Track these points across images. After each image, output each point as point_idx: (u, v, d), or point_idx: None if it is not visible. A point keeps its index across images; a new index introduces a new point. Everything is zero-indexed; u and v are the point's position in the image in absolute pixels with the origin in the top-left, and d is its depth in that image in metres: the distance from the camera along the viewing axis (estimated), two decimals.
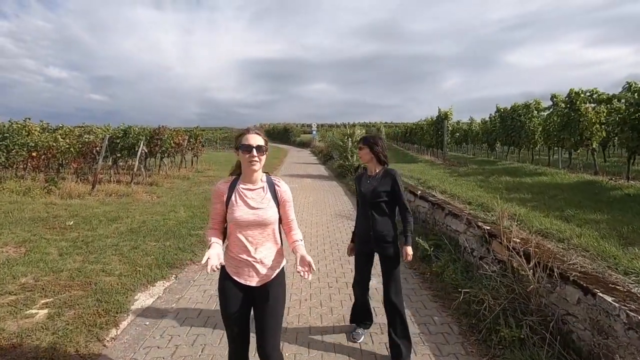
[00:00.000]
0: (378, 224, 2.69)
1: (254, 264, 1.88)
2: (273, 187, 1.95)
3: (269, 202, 1.90)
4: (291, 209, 2.00)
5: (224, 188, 1.91)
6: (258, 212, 1.86)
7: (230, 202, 1.87)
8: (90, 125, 13.08)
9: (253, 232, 1.87)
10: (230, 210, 1.85)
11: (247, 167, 1.86)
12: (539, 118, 11.27)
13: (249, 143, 1.84)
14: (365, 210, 2.76)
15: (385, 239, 2.69)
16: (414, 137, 23.17)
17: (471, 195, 6.05)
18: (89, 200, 7.98)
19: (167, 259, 4.70)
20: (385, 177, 2.72)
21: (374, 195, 2.68)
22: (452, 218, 4.76)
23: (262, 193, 1.91)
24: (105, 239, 5.44)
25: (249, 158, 1.83)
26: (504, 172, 9.80)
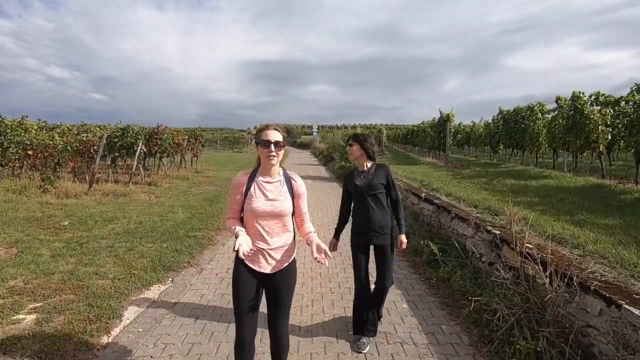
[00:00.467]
0: (376, 214, 2.82)
1: (269, 252, 1.98)
2: (289, 181, 2.07)
3: (285, 194, 2.01)
4: (305, 202, 2.12)
5: (244, 180, 2.01)
6: (275, 203, 1.97)
7: (249, 193, 1.97)
8: (89, 124, 12.94)
9: (269, 222, 1.98)
10: (249, 201, 1.96)
11: (266, 161, 1.97)
12: (543, 120, 11.13)
13: (268, 139, 1.95)
14: (363, 203, 2.85)
15: (383, 229, 2.84)
16: (415, 139, 23.02)
17: (477, 198, 5.89)
18: (85, 200, 7.82)
19: (163, 261, 4.54)
20: (378, 170, 2.88)
21: (370, 188, 2.81)
22: (459, 221, 4.60)
23: (279, 186, 2.02)
24: (100, 240, 5.28)
25: (267, 152, 1.94)
26: (508, 174, 9.64)
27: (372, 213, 2.82)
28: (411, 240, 5.31)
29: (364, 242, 2.90)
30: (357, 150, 2.89)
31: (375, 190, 2.82)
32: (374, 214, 2.82)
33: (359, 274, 2.92)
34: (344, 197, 3.05)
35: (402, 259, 4.91)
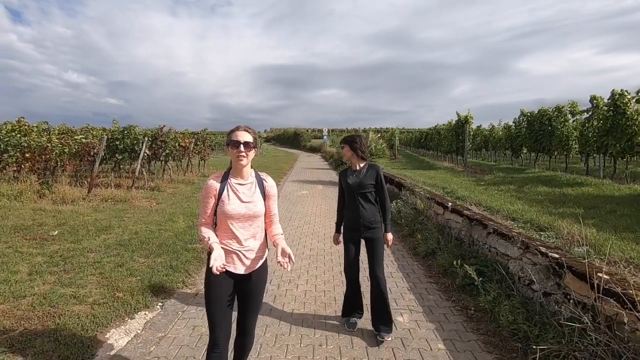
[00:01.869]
0: (366, 211, 3.03)
1: (243, 253, 2.00)
2: (261, 183, 2.09)
3: (258, 196, 2.04)
4: (275, 203, 2.15)
5: (216, 183, 1.99)
6: (249, 205, 1.99)
7: (222, 195, 1.97)
8: (94, 127, 12.56)
9: (243, 224, 2.00)
10: (223, 204, 1.95)
11: (236, 162, 1.98)
12: (574, 122, 10.29)
13: (238, 139, 1.95)
14: (353, 201, 3.07)
15: (372, 224, 3.04)
16: (429, 143, 22.19)
17: (512, 208, 5.17)
18: (81, 207, 7.32)
19: (154, 281, 3.95)
20: (369, 170, 3.08)
21: (360, 187, 3.03)
22: (499, 238, 3.89)
23: (252, 188, 2.04)
24: (88, 253, 4.72)
25: (236, 153, 1.94)
26: (537, 181, 8.84)
27: (362, 210, 3.03)
28: (438, 258, 4.63)
29: (355, 236, 3.11)
30: (348, 152, 3.13)
31: (365, 189, 3.04)
32: (363, 210, 3.03)
33: (349, 264, 3.16)
34: (340, 193, 3.28)
35: (430, 281, 4.22)
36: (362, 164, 3.12)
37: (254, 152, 2.01)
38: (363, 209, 3.03)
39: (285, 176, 15.85)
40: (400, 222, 6.46)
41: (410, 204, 6.81)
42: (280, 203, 9.29)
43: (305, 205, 9.00)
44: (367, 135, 13.19)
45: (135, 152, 10.10)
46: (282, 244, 1.99)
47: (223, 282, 1.98)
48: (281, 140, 62.56)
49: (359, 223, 3.03)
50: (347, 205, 3.15)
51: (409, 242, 5.71)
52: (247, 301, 2.09)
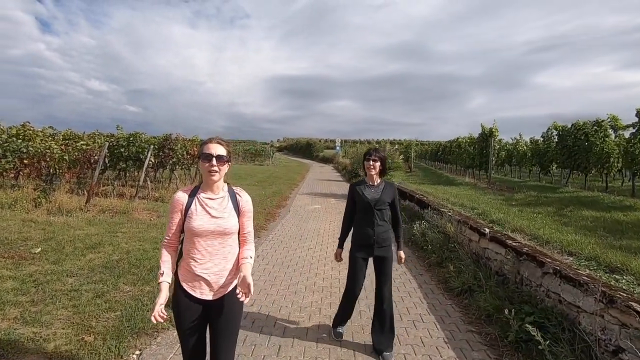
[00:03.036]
0: (380, 228, 2.94)
1: (211, 276, 1.83)
2: (235, 197, 1.93)
3: (231, 211, 1.88)
4: (250, 220, 1.97)
5: (183, 197, 1.85)
6: (219, 221, 1.83)
7: (189, 211, 1.81)
8: (101, 132, 12.18)
9: (212, 242, 1.83)
10: (190, 220, 1.80)
11: (207, 176, 1.83)
12: (616, 138, 9.35)
13: (210, 152, 1.80)
14: (369, 216, 2.94)
15: (385, 242, 2.96)
16: (448, 156, 21.26)
17: (564, 239, 4.34)
18: (76, 219, 6.76)
19: (136, 318, 3.27)
20: (387, 187, 3.01)
21: (379, 203, 2.92)
22: (564, 282, 3.08)
23: (223, 202, 1.88)
24: (67, 278, 4.09)
25: (208, 167, 1.80)
26: (577, 202, 7.92)
27: (377, 226, 2.93)
28: (478, 298, 3.83)
29: (365, 254, 2.99)
30: (379, 167, 2.98)
31: (382, 206, 2.96)
32: (378, 227, 2.94)
33: (355, 283, 3.00)
34: (350, 207, 3.10)
35: (471, 329, 3.42)
36: (379, 180, 3.04)
37: (227, 167, 1.87)
38: (378, 225, 2.94)
39: (296, 188, 15.18)
40: (426, 248, 5.66)
41: (437, 226, 6.02)
42: (290, 218, 8.60)
43: (318, 222, 8.27)
44: (384, 147, 12.45)
45: (140, 160, 9.60)
46: (245, 271, 1.78)
47: (191, 308, 1.84)
48: (293, 150, 62.30)
49: (372, 240, 2.94)
50: (360, 221, 3.01)
51: (438, 273, 4.91)
52: (218, 331, 1.86)
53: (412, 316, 3.68)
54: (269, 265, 5.09)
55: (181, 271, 1.88)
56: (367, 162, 2.98)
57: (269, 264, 5.17)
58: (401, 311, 3.79)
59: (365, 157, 3.03)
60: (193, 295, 1.83)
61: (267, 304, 3.85)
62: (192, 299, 1.84)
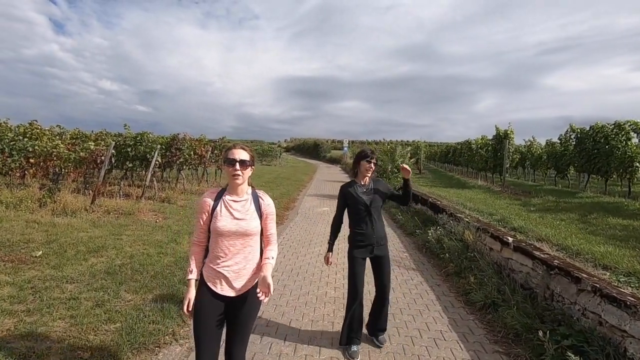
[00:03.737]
0: (378, 226, 2.98)
1: (231, 274, 1.92)
2: (257, 200, 2.01)
3: (253, 213, 1.96)
4: (272, 222, 2.04)
5: (210, 199, 1.96)
6: (241, 222, 1.92)
7: (215, 212, 1.93)
8: (109, 132, 12.09)
9: (235, 242, 1.93)
10: (215, 220, 1.92)
11: (231, 180, 1.94)
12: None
13: (233, 157, 1.91)
14: (366, 217, 2.94)
15: (383, 240, 3.02)
16: (458, 158, 20.83)
17: (598, 251, 4.02)
18: (80, 220, 6.61)
19: (137, 331, 3.05)
20: (377, 185, 3.03)
21: (374, 202, 2.95)
22: (606, 303, 2.78)
23: (246, 205, 1.97)
24: (67, 284, 3.91)
25: (232, 171, 1.91)
26: (600, 208, 7.54)
27: (375, 225, 2.95)
28: (503, 315, 3.54)
29: (364, 254, 2.99)
30: (373, 167, 2.98)
31: (378, 204, 2.97)
32: (376, 226, 2.96)
33: (356, 286, 2.95)
34: (341, 208, 3.09)
35: (498, 350, 3.13)
36: (369, 180, 3.04)
37: (250, 170, 1.99)
38: (375, 224, 2.96)
39: (304, 189, 14.95)
40: (442, 256, 5.37)
41: (453, 233, 5.72)
42: (298, 221, 8.36)
43: (327, 226, 8.01)
44: (395, 149, 12.16)
45: (147, 160, 9.46)
46: (266, 272, 1.87)
47: (211, 304, 1.93)
48: (301, 151, 62.15)
49: (372, 239, 2.95)
50: (357, 221, 2.99)
51: (457, 283, 4.62)
52: (235, 327, 1.98)
53: (432, 333, 3.40)
54: (278, 273, 4.85)
55: (205, 268, 1.98)
56: (368, 164, 2.94)
57: (277, 271, 4.93)
58: (420, 327, 3.52)
59: (363, 158, 2.95)
60: (215, 291, 1.93)
61: (276, 316, 3.61)
62: (214, 294, 1.93)
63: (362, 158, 2.95)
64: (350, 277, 3.01)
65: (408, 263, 5.49)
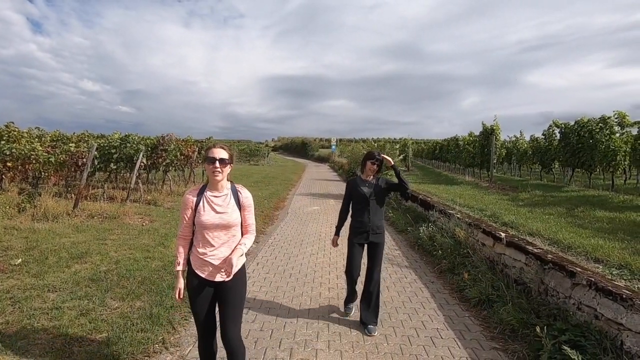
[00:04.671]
0: (375, 216, 3.36)
1: (217, 262, 2.10)
2: (236, 194, 2.21)
3: (233, 207, 2.16)
4: (250, 214, 2.25)
5: (192, 196, 2.15)
6: (223, 215, 2.12)
7: (198, 207, 2.12)
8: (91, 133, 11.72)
9: (218, 234, 2.12)
10: (198, 215, 2.10)
11: (211, 177, 2.13)
12: (624, 135, 9.13)
13: (213, 156, 2.09)
14: (364, 207, 3.36)
15: (379, 229, 3.39)
16: (446, 155, 21.03)
17: (589, 244, 4.06)
18: (62, 225, 6.35)
19: (124, 340, 2.92)
20: (379, 181, 3.44)
21: (373, 195, 3.35)
22: (602, 296, 2.78)
23: (227, 199, 2.16)
24: (48, 293, 3.73)
25: (212, 169, 2.09)
26: (586, 202, 7.67)
27: (372, 215, 3.34)
28: (499, 311, 3.53)
29: (361, 240, 3.39)
30: (377, 168, 3.39)
31: (377, 197, 3.36)
32: (373, 216, 3.34)
33: (352, 266, 3.42)
34: (346, 200, 3.53)
35: (495, 346, 3.11)
36: (373, 176, 3.45)
37: (229, 168, 2.16)
38: (373, 215, 3.34)
39: (293, 188, 14.84)
40: (435, 253, 5.36)
41: (445, 229, 5.72)
42: (289, 221, 8.25)
43: (318, 225, 7.95)
44: (384, 147, 12.16)
45: (132, 161, 9.19)
46: (233, 254, 2.09)
47: (202, 288, 2.13)
48: (289, 150, 61.89)
49: (368, 227, 3.33)
50: (357, 211, 3.41)
51: (450, 280, 4.60)
52: (226, 309, 2.16)
53: (429, 331, 3.37)
54: (270, 274, 4.75)
55: (193, 258, 2.16)
56: (372, 165, 3.36)
57: (269, 272, 4.83)
58: (416, 326, 3.48)
59: (370, 159, 3.39)
60: (203, 278, 2.13)
61: (269, 319, 3.51)
62: (203, 280, 2.13)
63: (368, 159, 3.40)
64: (348, 259, 3.46)
65: (401, 261, 5.46)
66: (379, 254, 3.40)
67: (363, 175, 3.47)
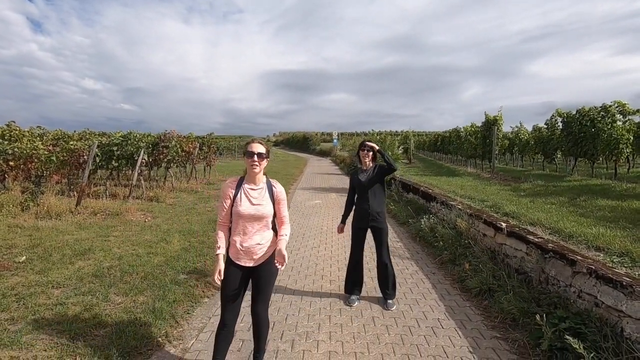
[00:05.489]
0: (375, 202, 3.62)
1: (250, 249, 2.34)
2: (271, 188, 2.44)
3: (267, 199, 2.38)
4: (284, 207, 2.47)
5: (232, 187, 2.36)
6: (258, 207, 2.33)
7: (236, 198, 2.33)
8: (93, 131, 11.75)
9: (252, 223, 2.34)
10: (236, 205, 2.32)
11: (250, 169, 2.35)
12: (626, 124, 9.04)
13: (252, 150, 2.32)
14: (364, 195, 3.65)
15: (379, 214, 3.63)
16: (447, 146, 20.94)
17: (590, 233, 4.05)
18: (65, 222, 6.41)
19: (127, 335, 2.95)
20: (376, 168, 3.69)
21: (371, 183, 3.63)
22: (602, 284, 2.78)
23: (262, 192, 2.38)
24: (53, 289, 3.77)
25: (250, 162, 2.32)
26: (588, 191, 7.64)
27: (371, 202, 3.61)
28: (500, 300, 3.54)
29: (363, 225, 3.67)
30: (371, 154, 3.69)
31: (375, 184, 3.63)
32: (372, 203, 3.61)
33: (355, 250, 3.75)
34: (350, 191, 3.84)
35: (496, 335, 3.13)
36: (372, 164, 3.71)
37: (266, 162, 2.38)
38: (372, 201, 3.60)
39: (295, 182, 14.85)
40: (436, 245, 5.36)
41: (446, 221, 5.71)
42: (291, 215, 8.26)
43: (320, 218, 7.96)
44: (385, 140, 12.12)
45: (133, 158, 9.22)
46: (281, 245, 2.31)
47: (235, 274, 2.34)
48: (290, 144, 61.79)
49: (367, 213, 3.60)
50: (358, 199, 3.72)
51: (452, 271, 4.61)
52: (257, 290, 2.42)
53: (430, 322, 3.39)
54: None
55: (230, 245, 2.38)
56: (362, 152, 3.69)
57: None
58: (417, 316, 3.49)
59: (360, 147, 3.74)
60: (237, 264, 2.35)
61: (271, 312, 3.51)
62: (237, 266, 2.35)
63: (359, 149, 3.75)
64: (352, 242, 3.78)
65: (402, 252, 5.47)
66: (383, 237, 3.66)
67: (362, 165, 3.73)
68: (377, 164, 3.72)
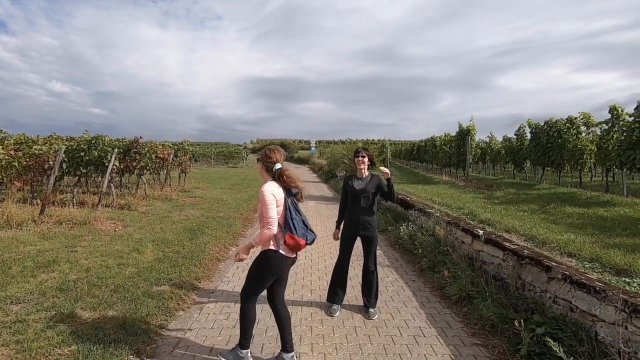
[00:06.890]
0: (365, 211, 3.61)
1: None
2: None
3: None
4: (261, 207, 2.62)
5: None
6: None
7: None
8: (59, 136, 11.17)
9: None
10: None
11: None
12: (589, 135, 9.58)
13: None
14: (356, 203, 3.62)
15: (370, 223, 3.62)
16: (423, 155, 21.43)
17: (562, 239, 4.20)
18: (28, 232, 6.00)
19: (95, 353, 2.75)
20: (373, 179, 3.67)
21: (364, 192, 3.59)
22: (576, 289, 2.87)
23: None
24: (12, 305, 3.48)
25: None
26: (556, 199, 7.98)
27: (363, 211, 3.60)
28: (479, 307, 3.58)
29: (353, 233, 3.66)
30: (367, 162, 3.65)
31: (368, 194, 3.59)
32: (364, 211, 3.60)
33: (343, 256, 3.73)
34: (343, 196, 3.81)
35: (476, 342, 3.15)
36: (367, 173, 3.68)
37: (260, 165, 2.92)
38: (364, 210, 3.58)
39: None
40: (415, 252, 5.41)
41: (425, 228, 5.79)
42: None
43: None
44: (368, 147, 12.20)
45: (103, 165, 8.81)
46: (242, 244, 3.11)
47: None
48: None
49: (358, 222, 3.59)
50: (350, 206, 3.68)
51: (431, 278, 4.65)
52: (283, 280, 2.89)
53: (411, 330, 3.38)
54: None
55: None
56: (357, 158, 3.64)
57: None
58: (399, 325, 3.48)
59: (355, 154, 3.71)
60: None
61: None
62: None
63: (354, 155, 3.76)
64: (340, 250, 3.75)
65: (382, 260, 5.48)
66: (372, 247, 3.66)
67: (357, 173, 3.72)
68: (375, 177, 3.67)
